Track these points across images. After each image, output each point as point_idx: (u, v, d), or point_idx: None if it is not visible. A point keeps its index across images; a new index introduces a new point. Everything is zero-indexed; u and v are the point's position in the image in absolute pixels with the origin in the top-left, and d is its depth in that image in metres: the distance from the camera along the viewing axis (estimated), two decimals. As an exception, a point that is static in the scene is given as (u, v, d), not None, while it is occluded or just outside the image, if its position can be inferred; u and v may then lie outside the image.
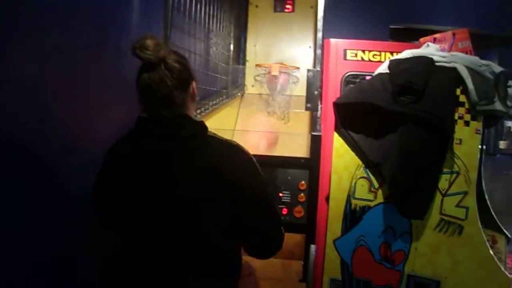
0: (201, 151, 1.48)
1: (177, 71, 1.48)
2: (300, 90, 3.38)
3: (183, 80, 1.50)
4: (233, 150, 1.56)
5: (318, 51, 2.18)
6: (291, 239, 2.82)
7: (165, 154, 1.45)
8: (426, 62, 1.95)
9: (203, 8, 2.83)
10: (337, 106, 2.07)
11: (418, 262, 2.02)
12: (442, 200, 1.97)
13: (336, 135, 2.10)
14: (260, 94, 3.38)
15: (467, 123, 1.94)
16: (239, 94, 3.65)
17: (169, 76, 1.45)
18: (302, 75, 3.29)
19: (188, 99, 1.55)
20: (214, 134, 1.58)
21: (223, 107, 3.25)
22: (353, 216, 2.09)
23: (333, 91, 2.28)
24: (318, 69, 2.15)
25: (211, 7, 3.04)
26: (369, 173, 2.07)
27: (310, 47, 4.03)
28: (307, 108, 2.15)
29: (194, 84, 1.59)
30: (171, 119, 1.48)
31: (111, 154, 1.61)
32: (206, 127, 1.56)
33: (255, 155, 1.61)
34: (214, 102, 3.09)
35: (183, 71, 1.51)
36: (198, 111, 2.74)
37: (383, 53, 2.37)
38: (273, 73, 3.04)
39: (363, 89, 2.02)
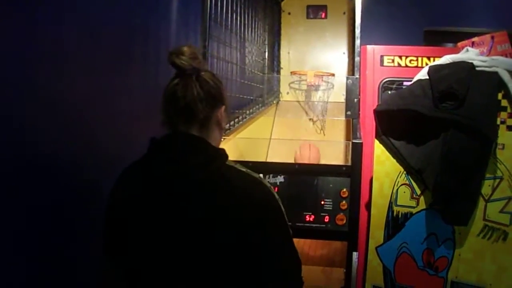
0: (215, 183, 1.31)
1: (207, 86, 1.37)
2: (335, 96, 3.40)
3: (211, 96, 1.38)
4: (252, 184, 1.37)
5: (357, 59, 2.18)
6: (331, 247, 2.83)
7: (174, 184, 1.30)
8: (467, 67, 1.93)
9: (238, 18, 2.86)
10: (378, 113, 2.07)
11: (462, 269, 2.00)
12: (485, 206, 1.95)
13: (376, 142, 2.10)
14: (296, 101, 3.41)
15: (509, 128, 1.93)
16: (274, 102, 3.67)
17: (197, 86, 1.34)
18: (336, 81, 3.30)
19: (212, 120, 1.41)
20: (235, 163, 1.41)
21: (259, 115, 3.27)
22: (395, 223, 2.08)
23: (371, 98, 2.28)
24: (357, 76, 2.15)
25: (246, 17, 3.07)
26: (411, 179, 2.06)
27: (344, 53, 4.04)
28: (347, 116, 2.15)
29: (223, 109, 1.45)
30: (186, 141, 1.35)
31: (121, 178, 1.45)
32: (226, 156, 1.39)
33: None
34: (251, 110, 3.12)
35: (214, 88, 1.39)
36: (236, 120, 2.77)
37: (420, 58, 2.37)
38: (308, 80, 3.05)
39: (404, 95, 2.01)
